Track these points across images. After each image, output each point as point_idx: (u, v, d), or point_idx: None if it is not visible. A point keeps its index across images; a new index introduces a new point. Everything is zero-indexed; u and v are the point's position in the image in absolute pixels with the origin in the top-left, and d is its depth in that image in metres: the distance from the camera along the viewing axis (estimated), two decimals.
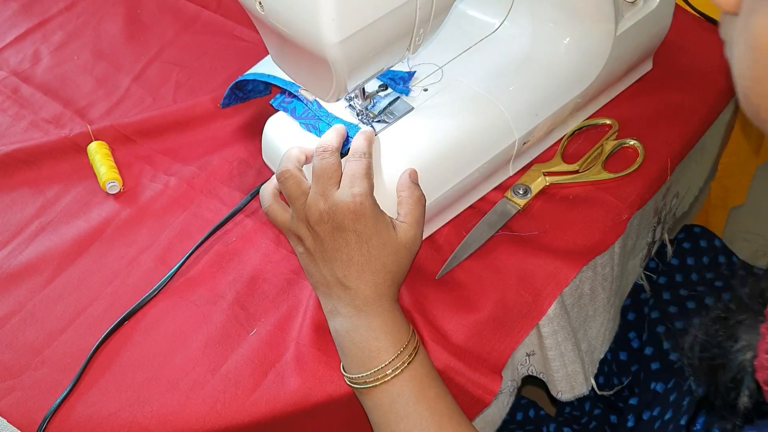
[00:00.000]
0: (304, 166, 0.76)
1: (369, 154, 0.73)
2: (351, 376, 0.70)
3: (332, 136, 0.75)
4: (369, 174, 0.72)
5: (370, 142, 0.75)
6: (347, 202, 0.69)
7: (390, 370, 0.68)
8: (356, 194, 0.70)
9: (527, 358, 0.82)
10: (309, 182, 0.73)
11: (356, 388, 0.70)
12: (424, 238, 0.80)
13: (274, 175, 0.75)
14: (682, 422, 0.73)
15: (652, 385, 0.87)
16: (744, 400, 0.56)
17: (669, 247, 0.98)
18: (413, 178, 0.75)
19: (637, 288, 0.98)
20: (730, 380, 0.56)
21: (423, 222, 0.74)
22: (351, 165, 0.72)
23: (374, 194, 0.72)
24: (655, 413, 0.80)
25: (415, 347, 0.70)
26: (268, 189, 0.77)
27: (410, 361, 0.68)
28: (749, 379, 0.56)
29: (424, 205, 0.74)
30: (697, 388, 0.63)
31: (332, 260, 0.70)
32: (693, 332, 0.60)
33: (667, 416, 0.77)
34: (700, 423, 0.62)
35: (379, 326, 0.69)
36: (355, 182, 0.71)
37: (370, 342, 0.69)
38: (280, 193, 0.77)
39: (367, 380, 0.68)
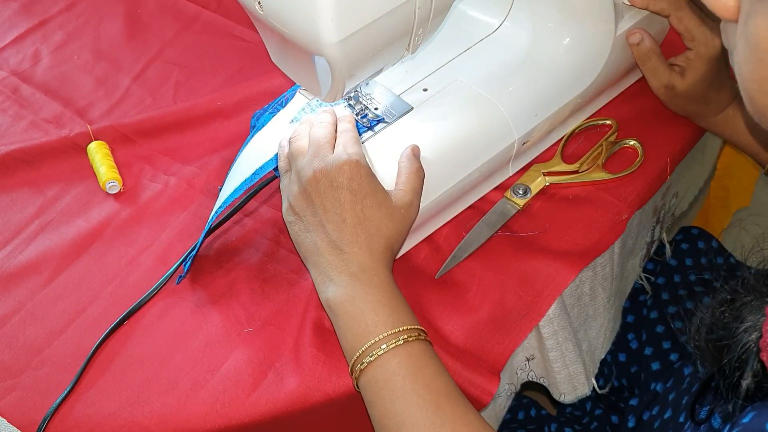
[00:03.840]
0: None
1: (354, 130, 0.75)
2: (350, 363, 0.67)
3: (328, 115, 0.76)
4: (359, 143, 0.73)
5: (353, 123, 0.76)
6: (343, 159, 0.70)
7: (385, 345, 0.65)
8: (351, 154, 0.70)
9: (527, 362, 0.82)
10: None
11: (355, 375, 0.67)
12: (423, 237, 0.80)
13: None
14: (681, 419, 0.73)
15: (652, 386, 0.87)
16: (748, 381, 0.56)
17: (668, 247, 0.98)
18: (416, 152, 0.75)
19: (635, 289, 0.98)
20: (735, 361, 0.56)
21: (420, 193, 0.73)
22: (341, 136, 0.73)
23: None
24: (654, 412, 0.80)
25: (420, 334, 0.67)
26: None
27: (409, 340, 0.66)
28: (754, 360, 0.56)
29: (422, 179, 0.73)
30: (703, 370, 0.62)
31: (324, 222, 0.69)
32: (700, 314, 0.60)
33: (667, 415, 0.77)
34: (705, 410, 0.62)
35: (376, 298, 0.67)
36: (348, 146, 0.71)
37: (366, 314, 0.66)
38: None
39: (363, 359, 0.66)
